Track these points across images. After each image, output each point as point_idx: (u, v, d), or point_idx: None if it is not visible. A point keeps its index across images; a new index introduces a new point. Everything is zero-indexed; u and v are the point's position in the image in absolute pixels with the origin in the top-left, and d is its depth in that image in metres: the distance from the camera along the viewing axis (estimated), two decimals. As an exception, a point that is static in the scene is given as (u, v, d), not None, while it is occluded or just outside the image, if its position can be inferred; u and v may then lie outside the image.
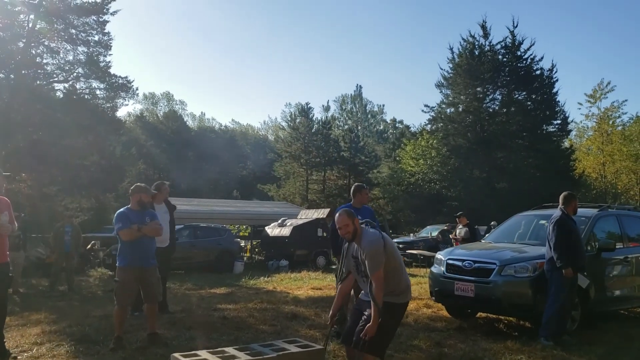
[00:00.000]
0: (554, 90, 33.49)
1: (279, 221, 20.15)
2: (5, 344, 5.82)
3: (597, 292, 7.45)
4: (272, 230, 19.75)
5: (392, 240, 4.46)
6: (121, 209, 6.33)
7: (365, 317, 4.26)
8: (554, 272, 6.59)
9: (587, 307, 7.30)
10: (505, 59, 33.70)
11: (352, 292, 6.96)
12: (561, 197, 7.06)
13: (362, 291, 4.53)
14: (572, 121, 35.80)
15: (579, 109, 50.82)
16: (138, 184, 6.67)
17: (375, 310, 4.07)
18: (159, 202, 8.19)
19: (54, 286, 12.08)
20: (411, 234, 26.93)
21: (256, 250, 23.38)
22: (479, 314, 8.44)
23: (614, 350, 6.27)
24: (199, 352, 3.93)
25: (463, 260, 7.64)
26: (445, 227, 21.51)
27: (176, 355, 3.87)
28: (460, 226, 13.22)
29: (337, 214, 4.45)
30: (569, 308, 6.79)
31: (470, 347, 6.36)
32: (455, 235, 13.55)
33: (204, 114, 76.99)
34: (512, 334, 7.30)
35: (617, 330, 7.48)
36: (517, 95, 33.80)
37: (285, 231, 19.00)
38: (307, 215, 21.49)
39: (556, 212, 7.00)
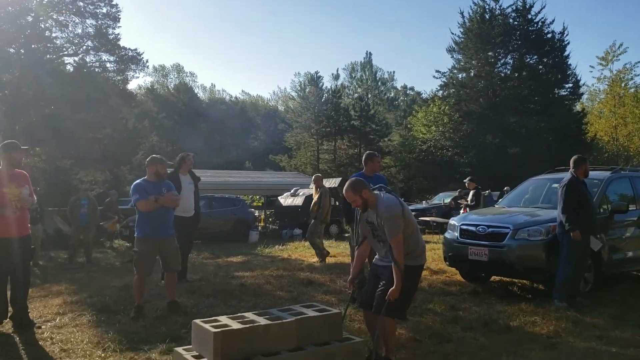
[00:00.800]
0: (566, 53, 33.12)
1: (292, 191, 20.25)
2: (29, 314, 5.98)
3: (610, 254, 7.48)
4: (285, 200, 19.87)
5: (407, 205, 4.49)
6: (138, 181, 6.40)
7: (383, 281, 4.31)
8: (565, 235, 6.62)
9: (600, 268, 7.34)
10: (516, 23, 33.25)
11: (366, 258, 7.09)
12: (571, 160, 7.05)
13: (377, 256, 4.58)
14: (583, 84, 35.43)
15: (591, 71, 50.09)
16: (154, 155, 6.72)
17: (397, 272, 4.13)
18: (184, 173, 8.29)
19: (73, 258, 12.30)
20: (424, 201, 26.95)
21: (270, 219, 23.56)
22: (492, 278, 8.51)
23: (627, 310, 6.32)
24: (219, 318, 4.00)
25: (477, 225, 7.68)
26: (458, 194, 21.52)
27: (197, 321, 3.93)
28: (472, 191, 13.25)
29: (344, 189, 4.44)
30: (582, 270, 6.84)
31: (484, 310, 6.45)
32: (466, 201, 13.59)
33: (214, 86, 77.01)
34: (526, 296, 7.37)
35: (630, 291, 7.52)
36: (528, 59, 33.42)
37: (298, 201, 19.11)
38: (319, 184, 21.55)
39: (567, 176, 7.01)
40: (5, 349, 5.00)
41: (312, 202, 11.27)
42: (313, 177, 11.93)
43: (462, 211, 12.94)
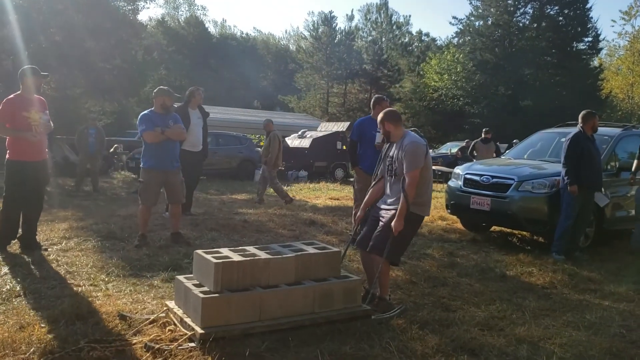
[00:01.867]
0: (588, 5, 32.22)
1: (299, 132, 20.20)
2: (37, 236, 6.11)
3: (613, 211, 7.50)
4: (292, 141, 19.85)
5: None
6: (145, 111, 6.39)
7: (382, 222, 4.37)
8: (566, 189, 6.64)
9: (602, 224, 7.38)
10: (540, -30, 32.28)
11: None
12: (580, 115, 6.98)
13: (382, 199, 4.63)
14: (603, 39, 34.64)
15: (612, 26, 48.82)
16: (161, 87, 6.68)
17: (403, 204, 4.20)
18: (193, 108, 8.26)
19: (79, 186, 12.42)
20: (430, 150, 26.92)
21: (276, 160, 23.60)
22: (492, 228, 8.59)
23: (624, 267, 6.39)
24: (220, 250, 4.08)
25: (481, 175, 7.68)
26: (465, 144, 21.45)
27: (199, 251, 4.01)
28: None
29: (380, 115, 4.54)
30: (583, 225, 6.87)
31: (482, 258, 6.54)
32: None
33: (225, 21, 75.61)
34: (525, 247, 7.45)
35: (630, 248, 7.57)
36: (549, 10, 32.62)
37: (305, 142, 19.10)
38: (327, 127, 21.49)
39: (573, 130, 6.96)
40: (13, 268, 5.13)
41: (262, 147, 11.24)
42: (264, 121, 11.81)
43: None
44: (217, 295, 3.60)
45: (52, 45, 19.61)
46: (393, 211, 4.31)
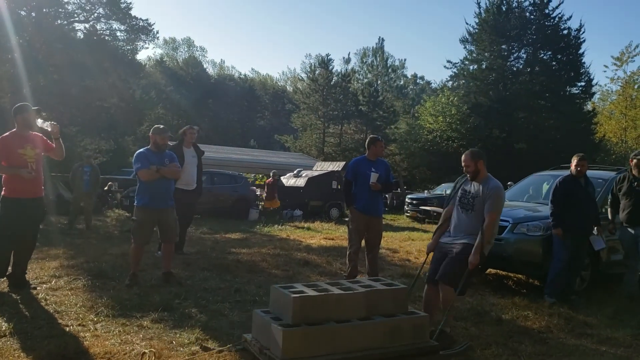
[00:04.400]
0: (580, 51, 32.72)
1: (295, 172, 20.25)
2: (26, 275, 6.02)
3: (609, 254, 7.45)
4: (288, 180, 19.87)
5: None
6: (141, 149, 6.41)
7: (452, 255, 4.69)
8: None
9: (598, 268, 7.32)
10: (532, 17, 32.91)
11: (362, 242, 7.09)
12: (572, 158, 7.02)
13: (447, 232, 4.96)
14: (596, 84, 35.12)
15: (605, 71, 49.60)
16: (156, 126, 6.70)
17: (480, 242, 4.54)
18: (187, 146, 8.28)
19: (72, 224, 12.33)
20: (425, 191, 26.94)
21: (271, 199, 23.56)
22: (488, 271, 8.51)
23: (621, 311, 6.30)
24: (294, 285, 4.27)
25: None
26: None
27: (276, 286, 4.23)
28: None
29: (464, 153, 4.93)
30: (578, 268, 6.81)
31: (478, 301, 6.45)
32: None
33: (224, 62, 76.55)
34: (521, 291, 7.37)
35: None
36: (542, 55, 33.10)
37: (301, 182, 19.12)
38: (323, 167, 21.58)
39: (564, 173, 7.01)
40: (0, 307, 5.03)
41: None
42: None
43: None
44: (296, 328, 3.79)
45: (50, 83, 19.79)
46: (463, 242, 4.68)
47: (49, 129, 5.81)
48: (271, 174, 18.41)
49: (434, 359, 4.14)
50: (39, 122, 5.83)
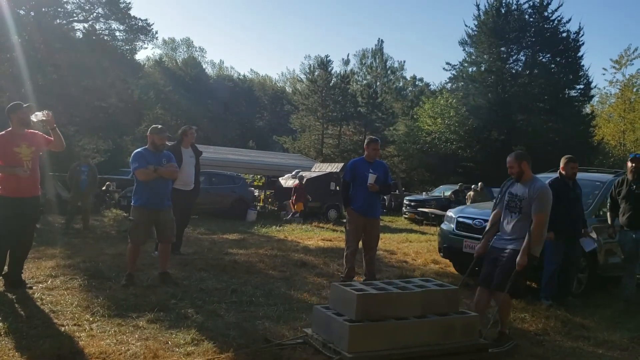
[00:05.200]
0: (579, 54, 32.80)
1: (293, 173, 20.23)
2: (22, 274, 6.00)
3: (607, 257, 7.45)
4: (286, 181, 19.85)
5: None
6: (138, 149, 6.40)
7: (503, 261, 4.76)
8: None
9: (596, 270, 7.31)
10: (531, 19, 32.96)
11: (360, 243, 7.08)
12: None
13: (497, 235, 5.02)
14: (595, 87, 35.15)
15: (603, 74, 49.68)
16: (154, 125, 6.70)
17: (528, 242, 4.60)
18: (185, 146, 8.27)
19: (69, 224, 12.30)
20: (424, 193, 26.96)
21: (269, 200, 23.57)
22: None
23: (618, 313, 6.31)
24: (353, 283, 4.55)
25: (474, 219, 7.66)
26: (458, 187, 21.51)
27: (337, 284, 4.45)
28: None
29: (508, 155, 5.03)
30: (573, 270, 6.79)
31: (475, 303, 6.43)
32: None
33: (223, 62, 76.54)
34: (518, 293, 7.35)
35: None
36: (541, 57, 33.15)
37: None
38: (321, 168, 21.56)
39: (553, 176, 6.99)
40: (-5, 307, 5.02)
41: None
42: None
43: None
44: (361, 323, 3.99)
45: (49, 82, 19.75)
46: (512, 246, 4.75)
47: (44, 118, 5.78)
48: (298, 178, 18.43)
49: (484, 357, 4.36)
50: (33, 117, 5.81)
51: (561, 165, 6.89)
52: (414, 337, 4.15)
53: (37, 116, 5.80)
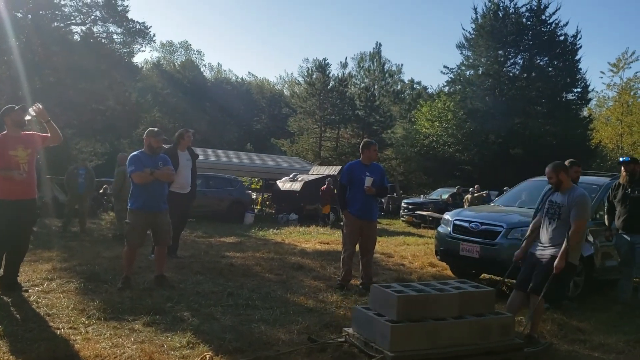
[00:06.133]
0: (577, 57, 32.92)
1: (291, 176, 20.24)
2: (18, 277, 5.99)
3: (603, 260, 7.45)
4: (284, 184, 19.85)
5: None
6: (135, 152, 6.40)
7: (541, 265, 4.91)
8: None
9: (592, 274, 7.31)
10: (529, 23, 33.05)
11: (357, 246, 7.08)
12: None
13: (536, 241, 5.16)
14: (592, 90, 35.27)
15: (601, 77, 49.70)
16: (150, 128, 6.69)
17: (566, 248, 4.75)
18: (182, 149, 8.26)
19: (67, 227, 12.28)
20: (421, 196, 26.97)
21: (267, 203, 23.56)
22: (482, 276, 8.51)
23: (615, 317, 6.30)
24: (392, 285, 4.69)
25: (470, 222, 7.66)
26: (456, 190, 21.52)
27: (376, 285, 4.67)
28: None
29: (547, 166, 5.13)
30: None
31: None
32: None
33: (221, 65, 76.43)
34: (514, 296, 7.34)
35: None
36: (538, 61, 33.25)
37: (297, 186, 19.10)
38: (319, 171, 21.57)
39: None
40: (-10, 310, 5.00)
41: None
42: (118, 156, 11.82)
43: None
44: (402, 324, 4.14)
45: (46, 85, 19.75)
46: (550, 252, 4.92)
47: (34, 114, 5.76)
48: (326, 182, 18.54)
49: (519, 356, 4.48)
50: (27, 117, 5.79)
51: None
52: (452, 337, 4.28)
53: (30, 113, 5.78)
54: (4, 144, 5.60)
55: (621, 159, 7.38)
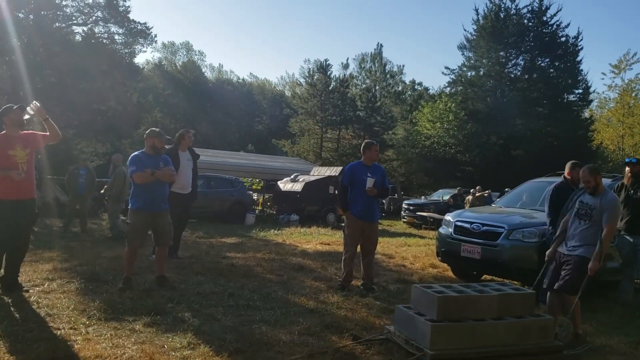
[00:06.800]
0: (578, 58, 32.88)
1: (292, 176, 20.21)
2: (18, 277, 5.98)
3: (605, 261, 7.39)
4: (285, 185, 19.83)
5: None
6: (136, 152, 6.39)
7: (571, 264, 5.01)
8: (551, 239, 6.58)
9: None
10: (530, 24, 33.03)
11: (358, 247, 7.06)
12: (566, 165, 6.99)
13: (564, 242, 5.24)
14: (594, 91, 35.28)
15: (602, 79, 49.74)
16: (153, 128, 6.70)
17: (599, 251, 4.88)
18: (183, 150, 8.26)
19: (67, 227, 12.28)
20: (422, 197, 26.95)
21: (268, 203, 23.55)
22: (483, 277, 8.49)
23: (616, 318, 6.29)
24: (432, 285, 4.77)
25: (472, 223, 7.65)
26: (457, 191, 21.50)
27: (417, 285, 4.76)
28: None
29: (581, 170, 5.26)
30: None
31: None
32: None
33: (222, 66, 76.52)
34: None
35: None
36: (540, 62, 33.22)
37: (298, 187, 19.08)
38: (320, 172, 21.54)
39: (558, 180, 6.97)
40: (-10, 310, 5.00)
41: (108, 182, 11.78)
42: (113, 157, 12.04)
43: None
44: (442, 323, 4.25)
45: (47, 85, 19.76)
46: (580, 252, 5.02)
47: (33, 112, 5.75)
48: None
49: (558, 358, 4.57)
50: (26, 116, 5.79)
51: (566, 170, 6.87)
52: (491, 338, 4.37)
53: (28, 112, 5.77)
54: (3, 143, 5.59)
55: (627, 160, 7.36)
